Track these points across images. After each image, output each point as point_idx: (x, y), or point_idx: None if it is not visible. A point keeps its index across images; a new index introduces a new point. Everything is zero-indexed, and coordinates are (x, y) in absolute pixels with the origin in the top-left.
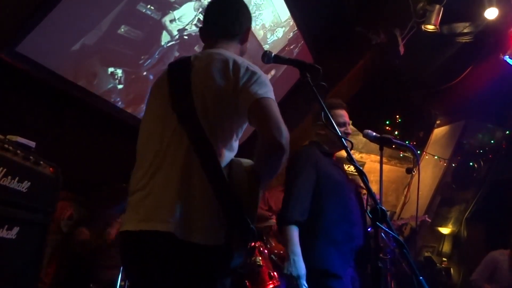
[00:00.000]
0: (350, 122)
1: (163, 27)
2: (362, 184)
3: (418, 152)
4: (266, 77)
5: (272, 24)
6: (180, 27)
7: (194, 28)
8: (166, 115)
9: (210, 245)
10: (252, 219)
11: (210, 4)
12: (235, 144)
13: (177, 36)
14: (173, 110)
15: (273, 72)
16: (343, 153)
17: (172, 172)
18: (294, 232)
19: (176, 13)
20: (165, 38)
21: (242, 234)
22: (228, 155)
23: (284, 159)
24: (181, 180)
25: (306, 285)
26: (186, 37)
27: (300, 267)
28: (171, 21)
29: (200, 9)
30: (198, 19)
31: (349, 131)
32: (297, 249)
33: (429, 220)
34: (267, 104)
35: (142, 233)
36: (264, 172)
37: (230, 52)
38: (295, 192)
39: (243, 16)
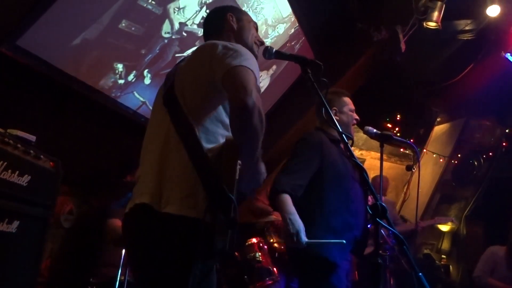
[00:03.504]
0: None
1: (167, 15)
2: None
3: (418, 149)
4: (246, 51)
5: (273, 20)
6: (182, 20)
7: (195, 27)
8: (160, 110)
9: (186, 216)
10: (230, 188)
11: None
12: (227, 119)
13: (177, 30)
14: (163, 106)
15: (274, 68)
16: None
17: (155, 150)
18: (286, 198)
19: (181, 2)
20: (166, 28)
21: (221, 205)
22: (216, 130)
23: (255, 120)
24: (161, 154)
25: (306, 239)
26: (185, 34)
27: (297, 223)
28: (175, 10)
29: (204, 6)
30: (202, 17)
31: (358, 117)
32: (291, 209)
33: (457, 222)
34: (237, 71)
35: (129, 211)
36: (236, 137)
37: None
38: (289, 167)
39: (219, 12)
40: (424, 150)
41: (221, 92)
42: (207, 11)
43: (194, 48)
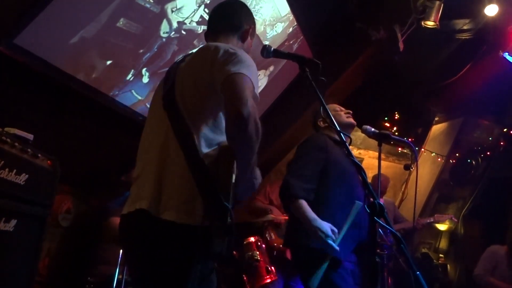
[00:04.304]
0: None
1: (164, 15)
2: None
3: (416, 148)
4: (247, 57)
5: (271, 19)
6: (180, 19)
7: (194, 24)
8: (159, 110)
9: (183, 224)
10: (226, 195)
11: (212, 9)
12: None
13: (176, 29)
14: (163, 108)
15: (272, 67)
16: None
17: (154, 152)
18: (304, 204)
19: (178, 2)
20: (164, 27)
21: (217, 213)
22: (214, 136)
23: (250, 129)
24: (159, 158)
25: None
26: (184, 32)
27: (325, 227)
28: (172, 10)
29: (202, 5)
30: (200, 15)
31: (349, 110)
32: (313, 215)
33: (456, 220)
34: (235, 78)
35: (128, 215)
36: (232, 144)
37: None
38: (298, 170)
39: (242, 14)
40: (422, 149)
41: (220, 97)
42: (205, 9)
43: (193, 47)
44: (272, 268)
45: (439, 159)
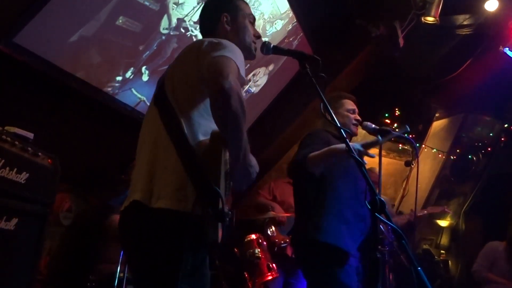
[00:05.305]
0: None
1: (165, 11)
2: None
3: (417, 145)
4: (231, 43)
5: (271, 16)
6: (180, 16)
7: (192, 24)
8: (152, 108)
9: (174, 210)
10: (216, 181)
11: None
12: None
13: (175, 26)
14: (154, 105)
15: (271, 66)
16: None
17: (146, 148)
18: (313, 153)
19: None
20: (164, 24)
21: (209, 199)
22: (208, 124)
23: (234, 104)
24: (151, 152)
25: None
26: (183, 30)
27: (338, 145)
28: (174, 5)
29: (202, 3)
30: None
31: (359, 118)
32: (326, 149)
33: (449, 212)
34: (217, 59)
35: (124, 209)
36: (219, 124)
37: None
38: (301, 153)
39: (214, 12)
40: (423, 146)
41: None
42: None
43: None
44: (274, 265)
45: (440, 156)
